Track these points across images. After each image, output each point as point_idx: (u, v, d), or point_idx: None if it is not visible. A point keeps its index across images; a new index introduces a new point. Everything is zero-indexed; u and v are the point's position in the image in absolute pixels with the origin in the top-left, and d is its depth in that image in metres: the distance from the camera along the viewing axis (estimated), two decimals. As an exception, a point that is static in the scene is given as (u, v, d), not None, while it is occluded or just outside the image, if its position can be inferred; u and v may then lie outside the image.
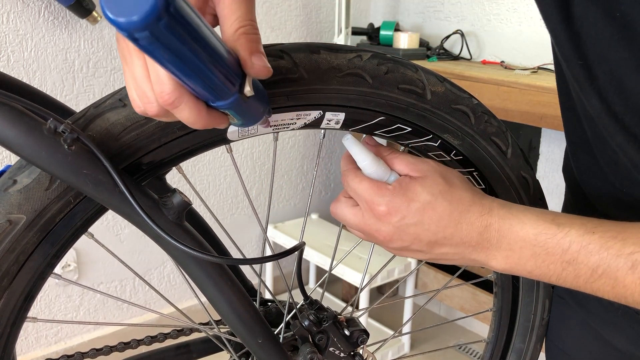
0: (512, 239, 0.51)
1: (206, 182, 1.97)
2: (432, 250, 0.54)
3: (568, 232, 0.49)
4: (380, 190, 0.53)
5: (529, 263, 0.50)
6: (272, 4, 1.97)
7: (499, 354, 0.81)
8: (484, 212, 0.52)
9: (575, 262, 0.48)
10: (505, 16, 1.89)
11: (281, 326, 0.67)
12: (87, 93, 1.64)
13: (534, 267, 0.50)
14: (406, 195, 0.53)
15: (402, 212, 0.52)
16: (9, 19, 1.48)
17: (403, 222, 0.52)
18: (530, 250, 0.50)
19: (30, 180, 0.46)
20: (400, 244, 0.54)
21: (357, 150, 0.56)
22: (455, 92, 0.60)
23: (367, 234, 0.55)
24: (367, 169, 0.56)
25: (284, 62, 0.51)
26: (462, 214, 0.52)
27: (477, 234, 0.52)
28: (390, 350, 1.93)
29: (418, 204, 0.52)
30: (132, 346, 0.71)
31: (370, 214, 0.54)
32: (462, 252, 0.53)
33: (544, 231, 0.50)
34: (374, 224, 0.54)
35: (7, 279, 0.48)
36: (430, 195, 0.52)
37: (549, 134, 1.84)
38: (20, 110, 0.44)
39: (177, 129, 0.49)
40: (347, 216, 0.56)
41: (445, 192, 0.53)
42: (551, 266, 0.49)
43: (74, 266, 1.74)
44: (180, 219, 0.52)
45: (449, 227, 0.52)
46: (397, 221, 0.52)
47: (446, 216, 0.52)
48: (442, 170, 0.55)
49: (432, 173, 0.54)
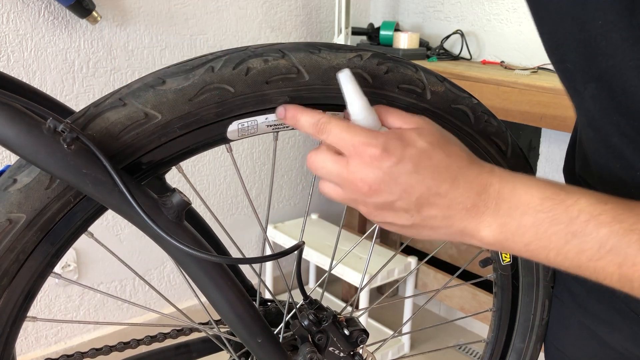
0: (514, 203, 0.46)
1: (206, 181, 1.97)
2: (420, 211, 0.47)
3: (578, 200, 0.44)
4: (372, 132, 0.47)
5: (529, 233, 0.45)
6: (272, 4, 1.97)
7: (498, 354, 0.81)
8: (484, 171, 0.47)
9: (583, 234, 0.43)
10: (505, 16, 1.89)
11: (281, 326, 0.67)
12: (87, 93, 1.64)
13: (533, 239, 0.45)
14: (402, 140, 0.47)
15: (397, 155, 0.46)
16: (9, 19, 1.48)
17: (395, 167, 0.46)
18: (533, 218, 0.45)
19: (30, 179, 0.46)
20: (386, 197, 0.47)
21: (351, 88, 0.49)
22: (454, 91, 0.60)
23: (349, 185, 0.48)
24: (358, 115, 0.49)
25: (284, 61, 0.51)
26: (461, 169, 0.47)
27: (475, 193, 0.46)
28: (390, 350, 1.93)
29: (414, 150, 0.46)
30: (131, 346, 0.71)
31: (357, 160, 0.47)
32: (451, 218, 0.47)
33: (551, 196, 0.45)
34: (360, 171, 0.47)
35: (7, 278, 0.48)
36: (428, 144, 0.47)
37: (549, 134, 1.84)
38: (20, 110, 0.44)
39: (177, 128, 0.49)
40: (327, 164, 0.48)
41: (444, 144, 0.48)
42: (553, 237, 0.44)
43: (74, 266, 1.74)
44: (180, 219, 0.52)
45: (445, 182, 0.47)
46: (389, 166, 0.46)
47: (443, 168, 0.47)
48: (438, 126, 0.50)
49: (429, 125, 0.49)
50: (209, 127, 0.51)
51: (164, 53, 1.77)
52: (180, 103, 0.49)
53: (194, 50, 1.83)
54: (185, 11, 1.78)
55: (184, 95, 0.49)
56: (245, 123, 0.52)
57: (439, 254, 1.99)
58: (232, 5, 1.88)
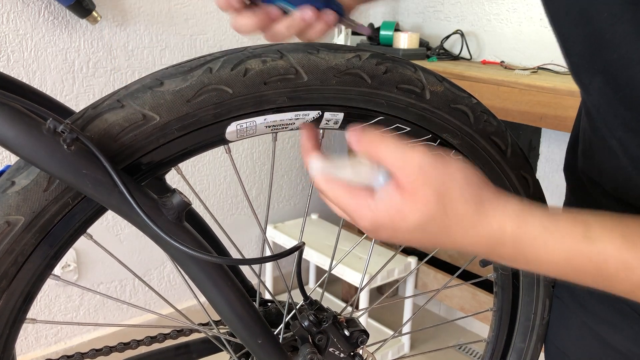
0: (532, 260, 0.45)
1: (206, 182, 1.97)
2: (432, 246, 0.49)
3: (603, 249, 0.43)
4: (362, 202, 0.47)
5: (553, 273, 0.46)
6: (272, 4, 1.97)
7: (499, 354, 0.81)
8: (493, 228, 0.45)
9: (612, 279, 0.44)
10: (505, 16, 1.89)
11: (281, 326, 0.67)
12: (86, 93, 1.64)
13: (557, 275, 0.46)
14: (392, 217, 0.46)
15: (388, 232, 0.47)
16: (9, 19, 1.48)
17: (391, 237, 0.47)
18: (556, 271, 0.45)
19: (28, 181, 0.46)
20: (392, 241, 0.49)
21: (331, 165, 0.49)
22: (454, 91, 0.60)
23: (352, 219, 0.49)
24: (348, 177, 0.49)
25: (282, 62, 0.51)
26: (465, 231, 0.46)
27: (486, 247, 0.46)
28: (390, 350, 1.93)
29: (405, 228, 0.46)
30: (131, 346, 0.71)
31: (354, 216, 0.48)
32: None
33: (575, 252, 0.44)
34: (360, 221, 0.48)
35: (6, 280, 0.48)
36: (420, 219, 0.45)
37: (549, 134, 1.84)
38: (20, 110, 0.44)
39: (176, 129, 0.49)
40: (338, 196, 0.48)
41: (440, 214, 0.45)
42: (581, 278, 0.45)
43: (74, 266, 1.74)
44: (180, 219, 0.52)
45: (448, 244, 0.47)
46: (385, 237, 0.48)
47: (443, 235, 0.46)
48: (437, 179, 0.45)
49: (423, 186, 0.45)
50: (208, 128, 0.51)
51: (164, 53, 1.77)
52: (179, 104, 0.49)
53: (194, 51, 1.83)
54: (185, 11, 1.78)
55: (182, 97, 0.49)
56: (243, 124, 0.52)
57: (439, 254, 1.99)
58: (232, 5, 1.87)
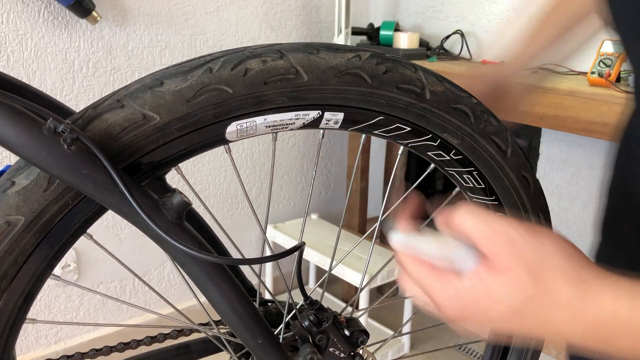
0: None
1: (206, 182, 1.97)
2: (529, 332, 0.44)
3: None
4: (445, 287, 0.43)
5: None
6: (272, 4, 1.97)
7: (499, 354, 0.81)
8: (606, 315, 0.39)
9: None
10: (505, 16, 1.89)
11: (281, 326, 0.67)
12: (86, 93, 1.64)
13: None
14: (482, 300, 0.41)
15: (478, 317, 0.43)
16: (8, 19, 1.48)
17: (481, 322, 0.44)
18: None
19: (28, 181, 0.46)
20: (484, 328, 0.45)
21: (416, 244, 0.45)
22: (454, 91, 0.60)
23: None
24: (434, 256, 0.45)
25: (282, 62, 0.51)
26: (568, 321, 0.40)
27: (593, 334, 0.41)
28: (390, 350, 1.93)
29: (498, 311, 0.41)
30: (131, 346, 0.71)
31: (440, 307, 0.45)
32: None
33: None
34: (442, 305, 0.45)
35: (6, 280, 0.48)
36: (517, 301, 0.40)
37: (549, 134, 1.84)
38: (20, 110, 0.44)
39: (176, 129, 0.49)
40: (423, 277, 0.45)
41: (539, 295, 0.40)
42: None
43: (74, 266, 1.74)
44: (180, 219, 0.52)
45: (545, 330, 0.42)
46: (474, 324, 0.44)
47: (541, 322, 0.41)
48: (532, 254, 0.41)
49: (517, 263, 0.40)
50: (208, 128, 0.51)
51: (164, 53, 1.77)
52: (179, 104, 0.48)
53: (193, 50, 1.83)
54: (185, 11, 1.78)
55: (182, 97, 0.49)
56: (244, 124, 0.52)
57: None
58: (232, 5, 1.88)
